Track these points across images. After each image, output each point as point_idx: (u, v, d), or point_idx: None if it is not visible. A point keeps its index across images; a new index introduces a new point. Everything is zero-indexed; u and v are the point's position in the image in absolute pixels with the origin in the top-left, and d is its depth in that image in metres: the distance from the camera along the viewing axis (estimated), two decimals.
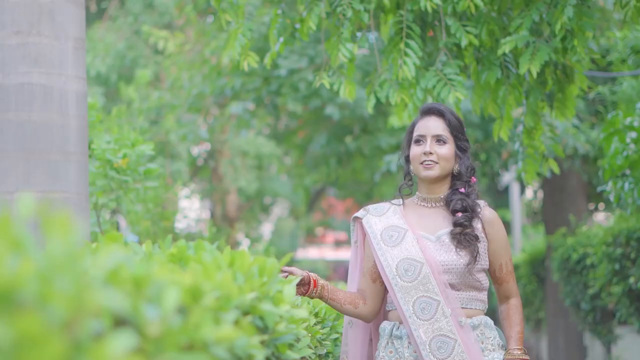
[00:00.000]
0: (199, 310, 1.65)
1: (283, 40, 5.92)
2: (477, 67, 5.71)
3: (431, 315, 3.75)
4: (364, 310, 3.96)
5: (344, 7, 5.36)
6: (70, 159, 4.88)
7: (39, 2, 4.88)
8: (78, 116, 4.95)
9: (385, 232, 3.94)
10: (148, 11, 19.64)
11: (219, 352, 1.69)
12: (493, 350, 3.84)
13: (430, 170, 3.89)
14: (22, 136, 4.79)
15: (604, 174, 7.05)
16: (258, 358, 2.03)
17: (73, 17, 4.97)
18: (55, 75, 4.88)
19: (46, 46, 4.86)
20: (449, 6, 5.39)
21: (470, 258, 3.82)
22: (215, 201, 22.08)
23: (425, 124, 3.95)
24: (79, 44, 5.00)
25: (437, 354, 3.71)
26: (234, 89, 12.78)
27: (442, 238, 3.88)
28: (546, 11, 5.39)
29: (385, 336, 3.90)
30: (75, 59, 4.96)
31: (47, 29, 4.88)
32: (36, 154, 4.80)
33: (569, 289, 10.80)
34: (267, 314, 2.28)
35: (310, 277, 3.84)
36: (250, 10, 11.07)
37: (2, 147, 4.79)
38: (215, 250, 2.49)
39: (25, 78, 4.82)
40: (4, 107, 4.81)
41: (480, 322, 3.86)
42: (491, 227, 3.94)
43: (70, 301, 1.04)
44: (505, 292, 4.01)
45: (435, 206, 3.99)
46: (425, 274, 3.79)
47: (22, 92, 4.81)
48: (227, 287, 1.99)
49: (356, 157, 14.13)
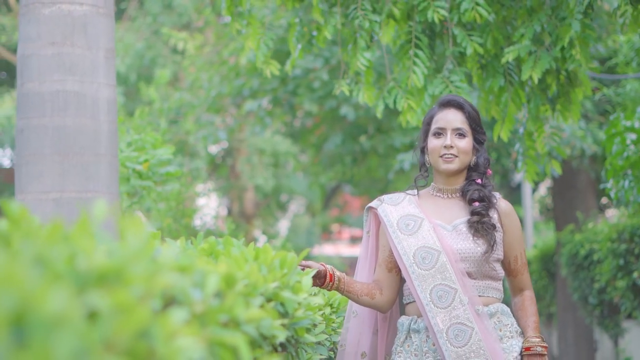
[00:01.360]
0: (232, 295, 1.99)
1: (301, 47, 6.26)
2: (481, 74, 6.04)
3: (448, 303, 3.74)
4: (380, 300, 3.94)
5: (360, 19, 5.71)
6: (102, 160, 5.23)
7: (72, 15, 5.23)
8: (109, 121, 5.30)
9: (402, 220, 3.93)
10: (167, 12, 19.94)
11: (249, 329, 2.03)
12: (511, 337, 3.85)
13: (450, 163, 3.89)
14: (57, 140, 5.14)
15: (607, 173, 7.36)
16: (280, 338, 2.38)
17: (104, 29, 5.32)
18: (88, 83, 5.23)
19: (79, 56, 5.22)
20: (455, 17, 5.72)
21: (487, 246, 3.82)
22: (232, 198, 22.44)
23: (444, 117, 3.93)
24: (109, 53, 5.36)
25: (454, 342, 3.70)
26: (252, 89, 13.14)
27: (458, 227, 3.88)
28: (547, 21, 5.72)
29: (404, 331, 3.91)
30: (106, 67, 5.32)
31: (80, 40, 5.23)
32: (70, 156, 5.15)
33: (576, 284, 11.11)
34: (287, 300, 2.63)
35: (326, 271, 3.82)
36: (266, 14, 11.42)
37: (39, 150, 5.15)
38: (242, 246, 2.84)
39: (59, 86, 5.18)
40: (40, 113, 5.17)
41: (497, 309, 3.86)
42: (507, 218, 3.95)
43: (144, 282, 1.39)
44: (519, 284, 4.01)
45: (451, 197, 3.99)
46: (442, 262, 3.79)
47: (57, 99, 5.17)
48: (254, 277, 2.34)
49: (371, 156, 14.43)
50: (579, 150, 11.60)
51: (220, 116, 15.00)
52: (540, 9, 5.82)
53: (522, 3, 5.93)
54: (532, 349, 3.81)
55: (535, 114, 6.07)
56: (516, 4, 6.00)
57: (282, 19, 11.87)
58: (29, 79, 5.22)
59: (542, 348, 3.82)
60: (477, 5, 5.57)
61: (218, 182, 21.18)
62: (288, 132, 16.28)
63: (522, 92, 5.96)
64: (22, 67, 5.26)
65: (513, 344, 3.83)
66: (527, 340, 3.84)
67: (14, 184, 17.62)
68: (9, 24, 22.07)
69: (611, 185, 7.36)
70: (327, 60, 12.32)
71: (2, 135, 21.39)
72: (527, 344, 3.83)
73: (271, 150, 19.39)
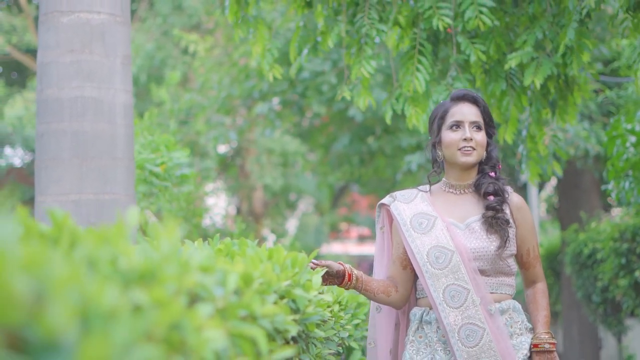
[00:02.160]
0: (250, 292, 2.19)
1: (307, 52, 6.46)
2: (484, 78, 6.24)
3: (461, 303, 3.76)
4: (395, 297, 3.96)
5: (367, 27, 5.91)
6: (119, 164, 5.44)
7: (90, 23, 5.44)
8: (125, 125, 5.51)
9: (415, 219, 3.93)
10: (177, 13, 20.13)
11: (265, 324, 2.23)
12: (521, 334, 3.87)
13: (469, 156, 3.90)
14: (75, 144, 5.35)
15: (608, 174, 7.55)
16: (291, 332, 2.57)
17: (121, 37, 5.53)
18: (105, 89, 5.43)
19: (97, 63, 5.42)
20: (459, 24, 5.92)
21: (501, 242, 3.83)
22: (241, 198, 22.65)
23: (460, 110, 3.94)
24: (126, 60, 5.56)
25: (465, 342, 3.72)
26: (262, 91, 13.36)
27: (471, 225, 3.89)
28: (548, 29, 5.91)
29: (416, 321, 3.94)
30: (122, 74, 5.52)
31: (97, 47, 5.44)
32: (88, 160, 5.36)
33: (580, 283, 11.30)
34: (298, 297, 2.83)
35: (345, 270, 3.83)
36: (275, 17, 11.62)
37: (58, 154, 5.36)
38: (256, 246, 3.05)
39: (78, 92, 5.39)
40: (59, 118, 5.38)
41: (509, 306, 3.88)
42: (519, 212, 3.96)
43: (176, 281, 1.59)
44: (532, 276, 4.03)
45: (463, 192, 4.00)
46: (455, 262, 3.80)
47: (76, 105, 5.38)
48: (268, 275, 2.53)
49: (378, 156, 14.63)
50: (583, 150, 11.78)
51: (231, 117, 15.21)
52: (542, 17, 6.02)
53: (524, 10, 6.12)
54: (541, 345, 3.83)
55: (537, 117, 6.27)
56: (518, 11, 6.19)
57: (291, 22, 12.07)
58: (48, 86, 5.42)
59: (550, 345, 3.84)
60: (480, 14, 5.76)
61: (227, 181, 21.39)
62: (296, 132, 16.48)
63: (524, 97, 6.15)
64: (42, 74, 5.46)
65: (522, 341, 3.85)
66: (535, 337, 3.87)
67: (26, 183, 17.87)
68: (20, 25, 22.30)
69: (612, 186, 7.54)
70: (335, 63, 12.52)
71: (14, 135, 21.63)
72: (535, 341, 3.85)
73: (280, 150, 19.58)
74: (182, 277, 1.61)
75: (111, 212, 5.36)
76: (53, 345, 0.93)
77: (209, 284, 1.88)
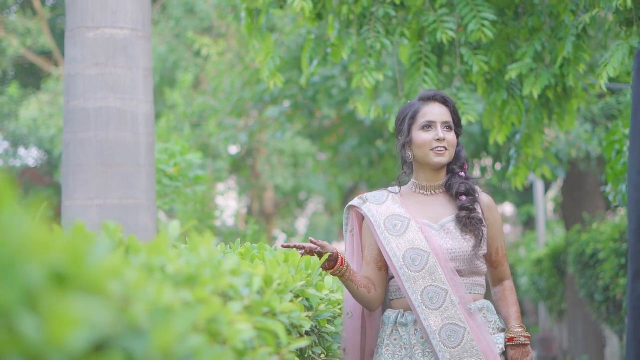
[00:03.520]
0: (270, 292, 2.53)
1: (317, 63, 6.79)
2: (487, 88, 6.57)
3: (440, 305, 3.74)
4: (375, 295, 3.91)
5: (372, 40, 6.24)
6: (141, 170, 5.78)
7: (114, 38, 5.78)
8: (147, 134, 5.84)
9: (389, 221, 3.89)
10: (189, 16, 20.43)
11: (283, 319, 2.57)
12: (494, 334, 3.87)
13: (442, 156, 3.88)
14: (100, 152, 5.69)
15: (607, 177, 7.84)
16: (305, 327, 2.91)
17: (142, 50, 5.86)
18: (128, 100, 5.77)
19: (120, 75, 5.76)
20: (462, 37, 6.24)
21: (476, 241, 3.84)
22: (253, 198, 22.99)
23: (432, 111, 3.91)
24: (147, 72, 5.90)
25: (447, 342, 3.71)
26: (273, 95, 13.70)
27: (446, 226, 3.88)
28: (547, 41, 6.24)
29: (390, 324, 3.90)
30: (144, 85, 5.86)
31: (121, 61, 5.77)
32: (113, 167, 5.70)
33: (583, 282, 11.59)
34: (312, 296, 3.17)
35: (338, 255, 3.76)
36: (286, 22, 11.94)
37: (84, 161, 5.69)
38: (274, 250, 3.39)
39: (103, 103, 5.73)
40: (85, 127, 5.72)
41: (483, 305, 3.90)
42: (489, 212, 3.97)
43: (213, 282, 1.93)
44: (500, 274, 4.04)
45: (434, 194, 3.98)
46: (432, 264, 3.77)
47: (101, 115, 5.72)
48: (285, 277, 2.87)
49: (387, 159, 14.94)
50: (584, 152, 12.09)
51: (243, 120, 15.53)
52: (541, 29, 6.34)
53: (524, 23, 6.44)
54: (516, 339, 3.85)
55: (535, 125, 6.61)
56: (519, 24, 6.51)
57: (302, 28, 12.39)
58: (74, 97, 5.76)
59: (525, 338, 3.86)
60: (482, 27, 6.08)
61: (239, 182, 21.70)
62: (306, 133, 16.75)
63: (522, 105, 6.49)
64: (69, 85, 5.80)
65: (497, 337, 3.85)
66: (509, 331, 3.87)
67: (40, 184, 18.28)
68: (35, 28, 22.67)
69: (610, 189, 7.84)
70: (345, 67, 12.84)
71: (28, 136, 21.99)
72: (510, 335, 3.86)
73: (290, 151, 19.89)
74: (218, 280, 1.95)
75: (134, 215, 5.70)
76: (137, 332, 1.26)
77: (238, 285, 2.21)
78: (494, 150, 12.63)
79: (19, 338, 0.88)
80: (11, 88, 22.22)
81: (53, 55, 23.42)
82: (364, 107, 6.47)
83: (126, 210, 5.70)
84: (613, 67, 5.52)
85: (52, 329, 0.91)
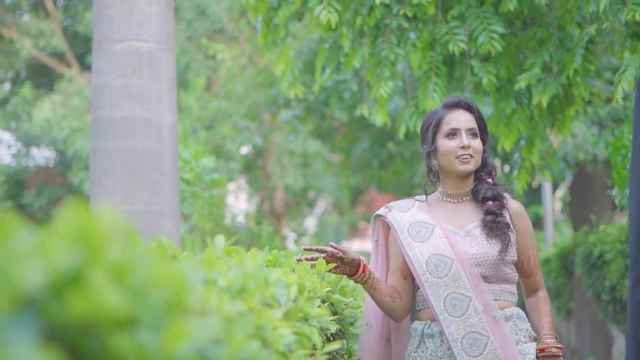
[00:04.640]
0: (303, 299, 2.78)
1: (330, 72, 7.04)
2: (496, 96, 6.82)
3: (463, 312, 3.68)
4: (400, 304, 3.86)
5: (386, 51, 6.49)
6: (166, 178, 6.02)
7: (139, 50, 6.02)
8: (171, 143, 6.09)
9: (413, 227, 3.84)
10: (201, 18, 20.66)
11: (314, 322, 2.82)
12: (525, 342, 3.78)
13: (467, 164, 3.82)
14: (126, 160, 5.94)
15: (613, 182, 8.07)
16: (332, 330, 3.16)
17: (166, 62, 6.11)
18: (153, 110, 6.02)
19: (145, 87, 6.01)
20: (472, 48, 6.48)
21: (502, 246, 3.76)
22: (263, 197, 23.24)
23: (456, 118, 3.86)
24: (171, 83, 6.15)
25: (469, 351, 3.64)
26: (286, 98, 13.95)
27: (471, 232, 3.82)
28: (555, 51, 6.48)
29: (417, 336, 3.84)
30: (168, 96, 6.10)
31: (146, 72, 6.02)
32: (138, 174, 5.95)
33: (590, 282, 11.77)
34: (337, 302, 3.43)
35: (360, 261, 3.72)
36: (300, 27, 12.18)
37: (111, 169, 5.95)
38: (299, 259, 3.64)
39: (129, 112, 5.98)
40: (112, 136, 5.97)
41: (513, 313, 3.81)
42: (518, 219, 3.90)
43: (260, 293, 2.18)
44: (533, 284, 3.96)
45: (461, 201, 3.93)
46: (455, 270, 3.71)
47: (127, 124, 5.97)
48: (314, 284, 3.11)
49: (397, 161, 15.17)
50: (592, 155, 12.30)
51: (257, 122, 15.77)
52: (549, 40, 6.58)
53: (532, 34, 6.68)
54: (547, 350, 3.78)
55: (542, 133, 6.87)
56: (527, 34, 6.75)
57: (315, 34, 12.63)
58: (101, 107, 6.01)
59: (557, 349, 3.79)
60: (492, 39, 6.32)
61: (250, 182, 21.93)
62: (317, 134, 16.94)
63: (529, 113, 6.74)
64: (96, 95, 6.05)
65: (528, 347, 3.77)
66: (541, 342, 3.80)
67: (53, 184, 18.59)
68: (47, 29, 22.93)
69: (616, 192, 8.06)
70: (357, 72, 13.07)
71: (42, 137, 22.26)
72: (541, 345, 3.79)
73: (301, 151, 20.11)
74: (264, 290, 2.21)
75: (159, 221, 5.95)
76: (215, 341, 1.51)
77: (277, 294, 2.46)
78: (502, 153, 12.87)
79: (142, 348, 1.12)
80: (24, 89, 22.48)
81: (65, 57, 23.69)
82: (381, 117, 6.71)
83: (151, 216, 5.94)
84: (627, 81, 5.77)
85: (167, 341, 1.15)
